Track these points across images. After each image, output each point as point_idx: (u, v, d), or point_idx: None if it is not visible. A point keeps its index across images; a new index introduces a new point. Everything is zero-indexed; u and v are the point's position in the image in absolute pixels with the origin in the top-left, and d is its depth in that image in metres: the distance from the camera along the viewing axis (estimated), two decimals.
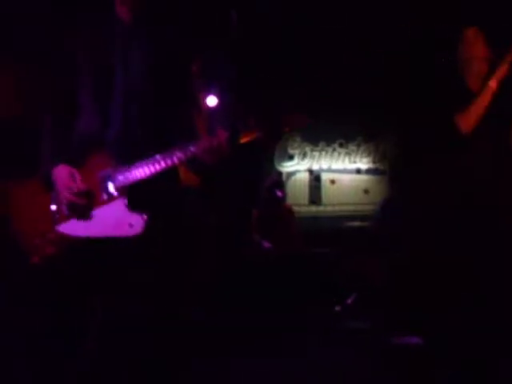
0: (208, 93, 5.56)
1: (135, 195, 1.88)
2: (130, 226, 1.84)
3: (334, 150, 6.92)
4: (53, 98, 2.04)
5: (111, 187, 1.87)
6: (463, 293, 2.49)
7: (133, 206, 1.86)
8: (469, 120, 2.50)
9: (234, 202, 5.46)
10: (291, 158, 6.70)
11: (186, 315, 2.06)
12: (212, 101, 5.68)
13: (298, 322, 4.07)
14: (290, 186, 6.58)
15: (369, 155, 7.01)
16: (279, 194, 5.29)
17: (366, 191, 6.89)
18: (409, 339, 3.31)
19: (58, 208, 1.88)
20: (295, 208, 6.06)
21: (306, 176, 6.77)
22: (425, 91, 3.03)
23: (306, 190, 6.74)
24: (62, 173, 1.87)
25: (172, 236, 1.98)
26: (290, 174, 6.69)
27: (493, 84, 2.51)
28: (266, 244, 4.93)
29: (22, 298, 2.33)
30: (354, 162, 6.98)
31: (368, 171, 6.98)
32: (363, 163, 7.00)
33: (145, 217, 1.85)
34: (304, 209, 6.65)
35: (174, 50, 2.04)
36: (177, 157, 1.88)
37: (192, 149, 1.88)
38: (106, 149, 1.90)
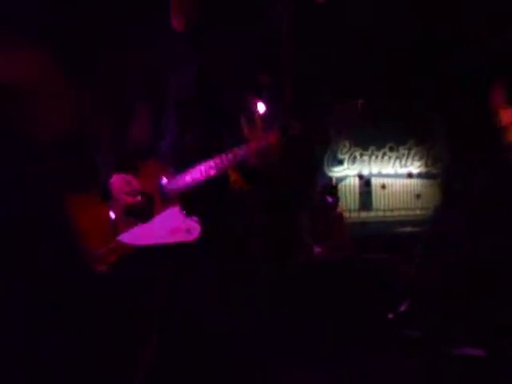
0: (257, 100, 5.57)
1: (190, 201, 1.90)
2: (188, 231, 1.88)
3: (385, 154, 6.81)
4: (109, 110, 2.10)
5: (167, 194, 1.90)
6: None
7: (188, 212, 1.88)
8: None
9: (285, 207, 5.45)
10: (341, 162, 6.63)
11: (241, 320, 2.07)
12: (261, 108, 5.70)
13: (350, 329, 4.02)
14: (339, 192, 6.51)
15: (421, 159, 6.87)
16: (330, 199, 5.25)
17: (418, 196, 6.75)
18: (468, 350, 3.21)
19: (116, 216, 1.92)
20: (345, 213, 6.01)
21: (355, 181, 6.69)
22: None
23: (356, 196, 6.66)
24: (117, 181, 1.95)
25: (227, 241, 2.00)
26: (340, 179, 6.63)
27: None
28: (318, 249, 4.90)
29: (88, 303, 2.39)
30: (406, 166, 6.85)
31: (420, 175, 6.84)
32: (415, 167, 6.86)
33: (200, 222, 1.87)
34: (354, 214, 6.57)
35: (226, 62, 2.06)
36: (227, 160, 1.90)
37: (242, 151, 1.90)
38: (160, 157, 1.94)
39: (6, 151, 3.16)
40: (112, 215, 1.95)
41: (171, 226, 1.88)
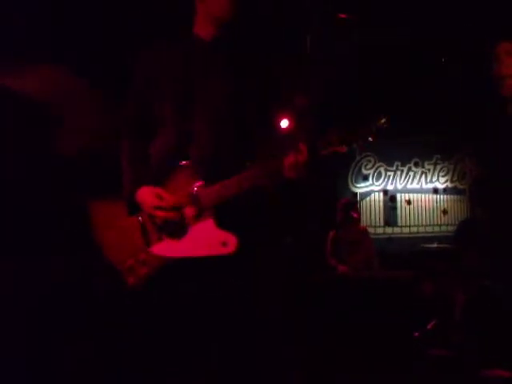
0: (281, 115, 5.62)
1: (224, 213, 1.89)
2: (224, 244, 1.84)
3: (410, 169, 6.77)
4: (128, 122, 2.07)
5: (200, 206, 1.88)
6: None
7: (223, 225, 1.87)
8: None
9: (310, 223, 5.45)
10: (366, 178, 6.61)
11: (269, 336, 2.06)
12: (284, 123, 5.74)
13: (376, 347, 3.99)
14: (364, 208, 6.49)
15: (446, 174, 6.81)
16: (354, 215, 5.23)
17: (445, 211, 6.68)
18: (496, 372, 3.16)
19: (147, 229, 1.91)
20: (370, 230, 5.97)
21: (380, 197, 6.66)
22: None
23: (381, 211, 6.62)
24: (146, 193, 1.89)
25: (263, 254, 1.99)
26: (365, 195, 6.61)
27: None
28: (342, 268, 4.87)
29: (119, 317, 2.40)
30: (431, 182, 6.80)
31: (446, 191, 6.77)
32: (441, 182, 6.80)
33: (236, 235, 1.85)
34: (379, 230, 6.53)
35: (253, 76, 2.07)
36: (260, 172, 1.90)
37: (276, 164, 1.90)
38: (189, 167, 1.91)
39: (39, 166, 3.24)
40: (142, 228, 1.90)
41: (206, 239, 1.83)
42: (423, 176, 6.79)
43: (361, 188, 6.61)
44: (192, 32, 2.05)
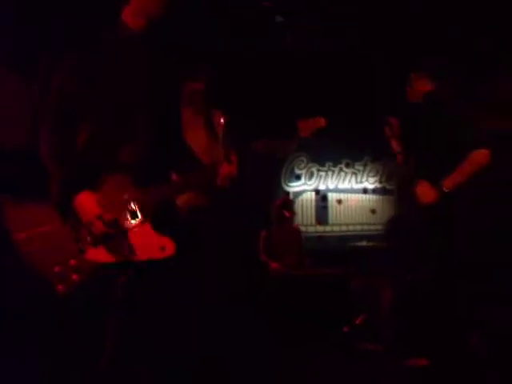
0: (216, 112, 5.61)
1: (160, 217, 1.86)
2: (162, 248, 1.84)
3: (341, 169, 6.94)
4: (52, 111, 1.91)
5: (135, 211, 1.84)
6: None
7: (159, 229, 1.85)
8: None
9: (242, 221, 5.46)
10: (298, 178, 6.71)
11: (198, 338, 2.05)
12: (220, 119, 5.73)
13: (307, 342, 4.05)
14: (296, 206, 6.58)
15: (375, 175, 7.03)
16: (286, 214, 5.29)
17: (373, 211, 6.90)
18: (418, 361, 3.28)
19: (81, 234, 1.82)
20: (302, 228, 6.07)
21: (312, 196, 6.78)
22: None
23: (313, 210, 6.74)
24: (87, 201, 1.81)
25: (198, 257, 1.98)
26: (297, 194, 6.71)
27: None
28: (274, 265, 4.92)
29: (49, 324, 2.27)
30: (361, 182, 6.99)
31: (375, 191, 6.99)
32: (370, 183, 7.01)
33: (174, 238, 1.83)
34: (311, 229, 6.64)
35: (175, 73, 2.04)
36: (195, 180, 1.90)
37: (209, 174, 1.91)
38: (121, 171, 1.86)
39: None
40: (74, 234, 1.80)
41: (144, 243, 1.81)
42: (354, 176, 6.98)
43: (293, 187, 6.71)
44: (120, 19, 1.98)
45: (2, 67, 3.35)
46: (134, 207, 1.84)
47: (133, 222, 1.84)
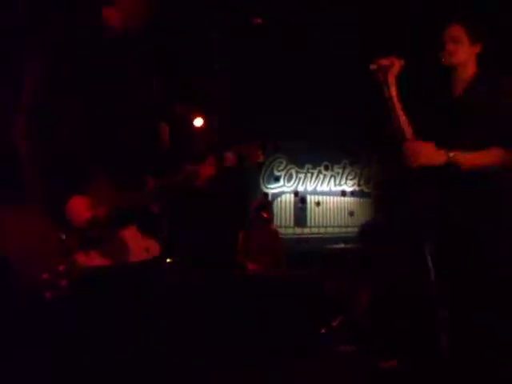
0: (195, 114, 5.61)
1: (145, 220, 1.88)
2: (147, 250, 1.85)
3: (320, 172, 6.98)
4: (29, 111, 1.86)
5: (122, 214, 1.84)
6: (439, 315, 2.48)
7: (145, 231, 1.86)
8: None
9: (220, 223, 5.46)
10: (277, 179, 6.73)
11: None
12: (198, 122, 5.73)
13: (284, 344, 4.06)
14: (275, 208, 6.60)
15: (354, 178, 7.09)
16: (265, 215, 5.30)
17: (351, 213, 6.95)
18: (392, 362, 3.32)
19: (68, 239, 1.80)
20: (280, 229, 6.09)
21: (291, 198, 6.80)
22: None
23: (292, 212, 6.76)
24: (79, 205, 1.79)
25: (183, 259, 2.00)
26: (276, 196, 6.72)
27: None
28: (251, 266, 4.92)
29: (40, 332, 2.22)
30: (339, 185, 7.04)
31: (353, 194, 7.05)
32: (348, 186, 7.06)
33: (158, 240, 1.85)
34: (289, 230, 6.66)
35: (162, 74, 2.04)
36: (176, 181, 1.92)
37: (190, 176, 1.93)
38: (105, 174, 1.85)
39: None
40: (62, 238, 1.77)
41: (131, 246, 1.82)
42: (332, 179, 7.02)
43: (272, 189, 6.72)
44: (103, 19, 1.96)
45: None
46: (121, 212, 1.84)
47: (117, 224, 1.84)
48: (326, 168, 7.00)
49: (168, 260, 3.44)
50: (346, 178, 7.07)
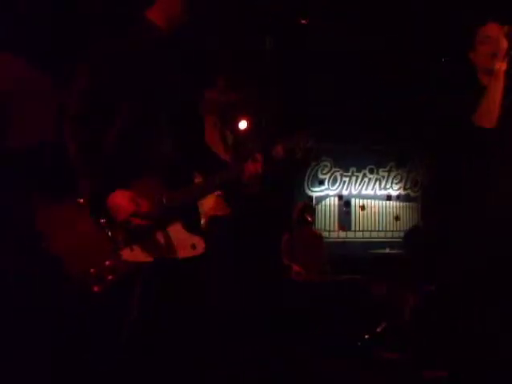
0: (240, 116, 5.63)
1: (191, 217, 1.90)
2: (193, 247, 1.88)
3: (365, 175, 6.89)
4: (80, 99, 1.90)
5: (168, 210, 1.86)
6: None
7: (190, 228, 1.88)
8: (486, 112, 2.21)
9: (264, 225, 5.46)
10: (321, 183, 6.68)
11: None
12: (243, 124, 5.74)
13: (327, 349, 4.03)
14: (319, 211, 6.56)
15: (400, 181, 6.97)
16: (308, 218, 5.27)
17: (397, 218, 6.83)
18: (439, 373, 3.23)
19: (115, 233, 1.83)
20: (324, 233, 6.04)
21: (335, 201, 6.74)
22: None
23: (336, 216, 6.71)
24: (122, 198, 1.80)
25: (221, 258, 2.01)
26: (320, 199, 6.68)
27: (501, 66, 2.23)
28: (296, 267, 4.90)
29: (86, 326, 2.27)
30: (385, 189, 6.93)
31: (399, 198, 6.93)
32: (394, 189, 6.95)
33: (204, 237, 1.88)
34: (333, 234, 6.61)
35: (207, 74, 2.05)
36: (222, 178, 1.93)
37: (235, 173, 1.93)
38: (153, 172, 1.87)
39: None
40: (108, 233, 1.80)
41: (176, 242, 1.85)
42: (377, 182, 6.92)
43: (316, 192, 6.68)
44: (145, 16, 1.96)
45: (34, 66, 3.41)
46: (167, 208, 1.85)
47: (164, 220, 1.85)
48: (371, 171, 6.91)
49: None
50: (392, 182, 6.96)
